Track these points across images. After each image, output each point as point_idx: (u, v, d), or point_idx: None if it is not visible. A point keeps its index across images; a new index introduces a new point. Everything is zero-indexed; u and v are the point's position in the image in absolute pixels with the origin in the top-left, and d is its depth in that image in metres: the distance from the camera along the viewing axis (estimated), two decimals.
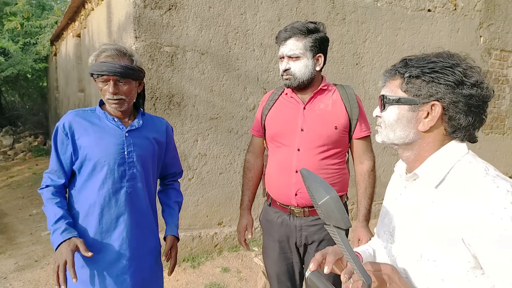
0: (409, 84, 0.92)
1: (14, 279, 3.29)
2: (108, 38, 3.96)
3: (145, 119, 1.66)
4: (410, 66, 0.93)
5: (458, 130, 0.92)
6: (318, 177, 0.87)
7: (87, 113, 1.58)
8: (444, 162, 0.92)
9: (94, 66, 1.47)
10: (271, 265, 1.88)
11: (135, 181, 1.58)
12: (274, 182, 1.82)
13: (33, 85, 12.28)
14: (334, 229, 0.82)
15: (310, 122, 1.73)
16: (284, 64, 1.72)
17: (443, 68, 0.89)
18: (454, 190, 0.88)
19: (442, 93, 0.89)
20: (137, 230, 1.61)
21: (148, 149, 1.62)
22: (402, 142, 0.96)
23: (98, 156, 1.51)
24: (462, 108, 0.89)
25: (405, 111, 0.94)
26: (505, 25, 5.32)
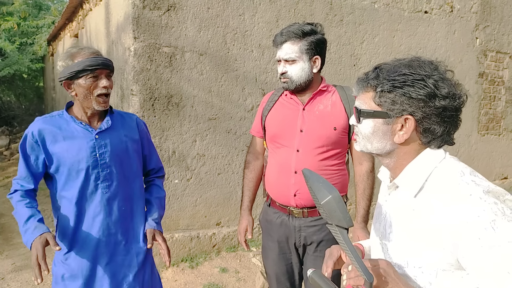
0: (382, 98, 0.92)
1: (12, 280, 3.28)
2: (107, 38, 3.96)
3: (114, 117, 1.65)
4: (382, 79, 0.92)
5: (433, 140, 0.93)
6: (320, 177, 0.88)
7: (55, 118, 1.57)
8: (420, 170, 0.93)
9: (81, 62, 1.46)
10: (270, 265, 1.89)
11: (111, 181, 1.59)
12: (273, 183, 1.83)
13: (30, 85, 12.23)
14: (336, 229, 0.83)
15: (309, 123, 1.74)
16: (281, 68, 1.74)
17: (414, 81, 0.89)
18: (432, 198, 0.89)
19: (414, 106, 0.89)
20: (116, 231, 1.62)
21: (121, 148, 1.63)
22: (380, 152, 0.98)
23: (71, 161, 1.52)
24: (435, 119, 0.90)
25: (380, 124, 0.94)
26: (500, 27, 5.37)
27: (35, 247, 1.39)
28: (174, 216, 3.38)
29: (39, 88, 12.51)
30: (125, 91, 3.34)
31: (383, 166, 1.06)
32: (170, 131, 3.28)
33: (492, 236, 0.78)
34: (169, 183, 3.32)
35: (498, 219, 0.79)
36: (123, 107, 3.43)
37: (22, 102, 13.18)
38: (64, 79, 1.50)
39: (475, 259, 0.81)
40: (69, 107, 1.62)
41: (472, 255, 0.81)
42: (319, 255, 1.76)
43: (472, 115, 5.29)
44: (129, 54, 3.14)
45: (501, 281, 0.77)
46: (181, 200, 3.39)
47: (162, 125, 3.24)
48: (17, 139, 10.80)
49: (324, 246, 1.75)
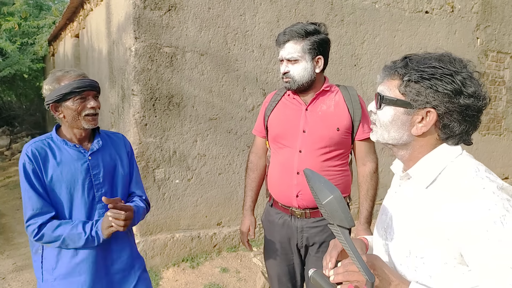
0: (408, 88, 0.92)
1: (13, 280, 3.29)
2: (107, 38, 3.96)
3: (102, 138, 1.65)
4: (410, 68, 0.92)
5: (451, 137, 0.93)
6: (321, 177, 0.88)
7: (45, 142, 1.55)
8: (435, 163, 0.93)
9: (69, 85, 1.46)
10: (272, 265, 1.88)
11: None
12: (275, 183, 1.82)
13: (30, 85, 12.22)
14: (338, 229, 0.83)
15: (312, 124, 1.73)
16: (283, 67, 1.73)
17: (443, 75, 0.88)
18: (444, 191, 0.90)
19: (438, 101, 0.89)
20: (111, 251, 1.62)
21: (112, 167, 1.64)
22: (396, 142, 0.98)
23: (66, 185, 1.51)
24: (456, 117, 0.90)
25: (400, 113, 0.94)
26: (501, 27, 5.36)
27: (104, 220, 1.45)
28: (175, 216, 3.38)
29: (39, 88, 12.47)
30: (126, 91, 3.34)
31: (397, 159, 1.06)
32: (171, 131, 3.28)
33: (501, 231, 0.78)
34: (170, 183, 3.32)
35: (508, 215, 0.79)
36: (124, 107, 3.43)
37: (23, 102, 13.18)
38: (51, 102, 1.49)
39: (480, 251, 0.81)
40: (57, 129, 1.60)
41: (478, 247, 0.81)
42: (321, 256, 1.76)
43: None
44: (130, 54, 3.14)
45: (502, 277, 0.77)
46: (181, 200, 3.39)
47: (163, 125, 3.24)
48: (18, 139, 10.82)
49: (326, 247, 1.74)
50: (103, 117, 4.29)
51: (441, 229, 0.87)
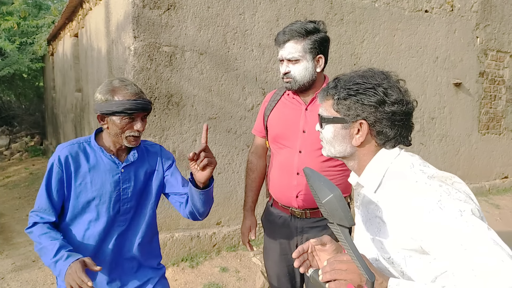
0: (339, 105, 1.02)
1: (12, 280, 3.28)
2: (106, 37, 3.96)
3: (139, 150, 1.60)
4: (339, 88, 1.02)
5: (387, 141, 1.02)
6: (321, 176, 0.87)
7: (82, 145, 1.51)
8: (378, 168, 1.02)
9: (121, 104, 1.40)
10: (271, 266, 1.87)
11: (129, 215, 1.56)
12: (275, 184, 1.81)
13: (30, 85, 12.21)
14: (337, 227, 0.83)
15: (312, 124, 1.70)
16: (284, 68, 1.70)
17: (366, 89, 0.98)
18: (389, 191, 0.98)
19: (367, 112, 0.99)
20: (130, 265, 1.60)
21: (143, 182, 1.59)
22: (343, 155, 1.07)
23: (93, 194, 1.48)
24: (386, 123, 0.99)
25: (339, 129, 1.04)
26: (501, 26, 5.36)
27: (74, 271, 1.26)
28: (174, 216, 3.37)
29: (39, 88, 12.49)
30: None
31: (352, 171, 1.14)
32: (170, 130, 3.27)
33: (441, 215, 0.85)
34: None
35: (443, 199, 0.86)
36: None
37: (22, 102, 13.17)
38: (99, 113, 1.45)
39: (432, 240, 0.87)
40: (97, 133, 1.56)
41: (429, 236, 0.87)
42: None
43: (472, 115, 5.29)
44: (129, 53, 3.14)
45: (460, 256, 0.81)
46: None
47: (162, 125, 3.23)
48: (17, 139, 10.81)
49: None
50: None
51: (394, 228, 0.94)
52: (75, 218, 1.50)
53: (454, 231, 0.83)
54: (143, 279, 1.63)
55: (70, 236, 1.51)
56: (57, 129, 8.32)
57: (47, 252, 1.39)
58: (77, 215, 1.50)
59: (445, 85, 4.91)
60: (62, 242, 1.41)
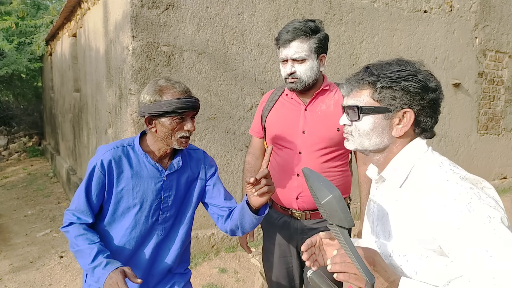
0: (381, 94, 0.96)
1: (9, 281, 3.26)
2: (105, 37, 3.94)
3: (183, 156, 1.54)
4: (378, 76, 0.96)
5: (424, 131, 1.00)
6: (321, 176, 0.86)
7: (126, 149, 1.46)
8: (405, 163, 0.98)
9: (171, 103, 1.34)
10: (270, 268, 1.85)
11: (168, 223, 1.52)
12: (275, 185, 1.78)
13: (28, 85, 12.18)
14: (337, 228, 0.82)
15: (311, 124, 1.69)
16: (289, 68, 1.65)
17: (409, 76, 0.94)
18: (415, 188, 0.94)
19: (411, 100, 0.95)
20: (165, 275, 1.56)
21: (185, 190, 1.54)
22: (376, 148, 1.01)
23: (134, 200, 1.44)
24: (428, 111, 0.97)
25: (380, 119, 0.98)
26: (500, 26, 5.36)
27: (115, 281, 1.24)
28: None
29: (37, 88, 12.45)
30: (123, 90, 3.32)
31: (371, 164, 1.11)
32: None
33: (469, 218, 0.82)
34: None
35: (473, 202, 0.83)
36: (121, 107, 3.41)
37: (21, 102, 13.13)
38: (147, 115, 1.38)
39: (455, 241, 0.84)
40: (141, 136, 1.51)
41: (452, 238, 0.84)
42: None
43: (471, 115, 5.29)
44: (127, 53, 3.12)
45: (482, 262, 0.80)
46: None
47: None
48: (15, 139, 10.78)
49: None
50: (101, 116, 4.27)
51: (417, 225, 0.91)
52: (113, 223, 1.46)
53: (481, 236, 0.81)
54: (169, 282, 1.59)
55: (106, 240, 1.47)
56: (56, 129, 8.30)
57: (84, 255, 1.36)
58: (115, 220, 1.46)
59: (444, 86, 4.91)
60: (100, 247, 1.37)
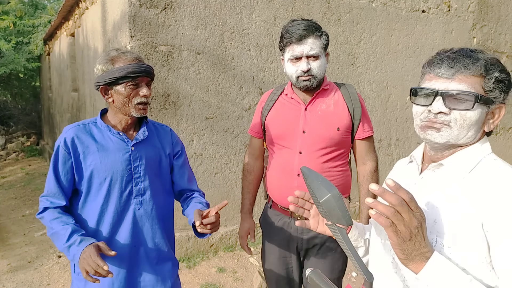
0: (495, 84, 0.89)
1: (7, 280, 3.26)
2: (103, 37, 3.93)
3: (149, 128, 1.56)
4: (492, 66, 0.90)
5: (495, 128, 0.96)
6: (319, 175, 0.86)
7: (88, 127, 1.46)
8: (473, 156, 0.93)
9: (123, 69, 1.37)
10: (270, 269, 1.84)
11: (144, 196, 1.50)
12: (275, 185, 1.77)
13: (26, 85, 12.15)
14: (335, 227, 0.82)
15: (311, 124, 1.68)
16: (305, 65, 1.62)
17: (504, 69, 0.90)
18: (479, 183, 0.88)
19: (506, 95, 0.91)
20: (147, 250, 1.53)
21: (155, 161, 1.53)
22: (468, 142, 0.93)
23: (104, 174, 1.43)
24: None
25: (484, 111, 0.91)
26: (497, 26, 5.38)
27: (88, 255, 1.24)
28: None
29: (35, 88, 12.43)
30: None
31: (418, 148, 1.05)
32: None
33: None
34: None
35: None
36: None
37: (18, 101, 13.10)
38: (102, 84, 1.40)
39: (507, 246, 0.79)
40: (103, 114, 1.51)
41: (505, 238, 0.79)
42: (321, 258, 1.72)
43: None
44: None
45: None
46: None
47: None
48: (13, 139, 10.75)
49: (326, 249, 1.71)
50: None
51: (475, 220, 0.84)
52: (88, 202, 1.46)
53: None
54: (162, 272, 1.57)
55: (83, 220, 1.46)
56: (54, 129, 8.28)
57: (59, 237, 1.36)
58: (89, 199, 1.45)
59: None
60: (74, 227, 1.38)
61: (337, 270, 1.74)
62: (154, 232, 1.54)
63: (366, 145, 1.76)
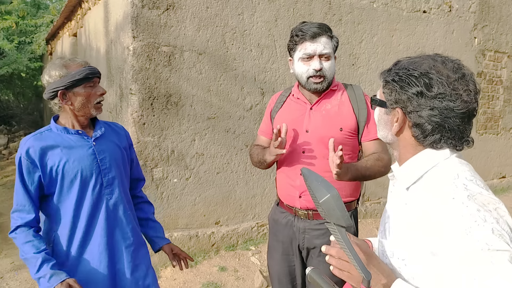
0: (384, 89, 1.00)
1: (11, 279, 3.29)
2: (105, 37, 3.96)
3: (104, 126, 1.66)
4: (392, 72, 0.98)
5: (423, 137, 0.93)
6: (318, 176, 0.88)
7: (46, 134, 1.52)
8: (419, 165, 0.95)
9: (81, 71, 1.47)
10: (273, 265, 1.87)
11: (113, 187, 1.58)
12: (281, 183, 1.81)
13: (28, 84, 12.19)
14: (334, 227, 0.84)
15: (314, 123, 1.69)
16: (317, 64, 1.61)
17: (409, 76, 0.93)
18: (422, 194, 0.92)
19: (404, 101, 0.94)
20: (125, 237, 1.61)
21: (117, 153, 1.63)
22: (386, 141, 1.05)
23: (73, 172, 1.48)
24: (424, 116, 0.91)
25: (382, 113, 1.03)
26: (499, 26, 5.38)
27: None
28: (173, 215, 3.38)
29: (37, 87, 12.47)
30: (124, 90, 3.34)
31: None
32: (169, 130, 3.28)
33: (466, 242, 0.77)
34: (168, 182, 3.32)
35: (474, 226, 0.77)
36: (122, 106, 3.43)
37: (21, 101, 13.15)
38: (61, 89, 1.46)
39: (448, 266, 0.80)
40: (55, 120, 1.58)
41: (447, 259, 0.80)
42: (322, 260, 1.71)
43: None
44: (128, 53, 3.14)
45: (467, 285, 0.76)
46: (180, 199, 3.39)
47: (161, 124, 3.24)
48: (16, 138, 10.79)
49: None
50: (101, 116, 4.29)
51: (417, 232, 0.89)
52: (61, 201, 1.50)
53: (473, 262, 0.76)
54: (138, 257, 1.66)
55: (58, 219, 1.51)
56: None
57: (30, 265, 1.41)
58: (61, 197, 1.50)
59: None
60: (45, 256, 1.41)
61: None
62: (127, 218, 1.63)
63: (374, 147, 1.71)
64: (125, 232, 1.61)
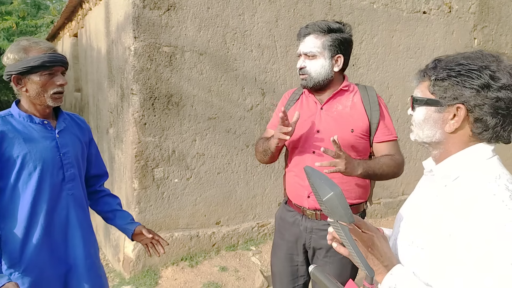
0: (436, 87, 0.95)
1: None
2: (106, 38, 3.97)
3: (66, 116, 1.60)
4: (439, 68, 0.95)
5: (484, 131, 0.93)
6: (322, 174, 0.89)
7: (7, 119, 1.42)
8: (461, 164, 0.94)
9: (38, 58, 1.36)
10: (276, 263, 1.87)
11: (74, 182, 1.53)
12: (290, 182, 1.80)
13: None
14: (338, 225, 0.85)
15: (325, 124, 1.68)
16: (300, 62, 1.65)
17: (469, 71, 0.90)
18: (461, 193, 0.90)
19: (466, 96, 0.90)
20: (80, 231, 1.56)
21: (79, 147, 1.58)
22: (430, 140, 1.00)
23: (34, 164, 1.41)
24: (487, 110, 0.90)
25: (431, 112, 0.97)
26: (498, 27, 5.39)
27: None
28: (174, 215, 3.39)
29: None
30: (125, 90, 3.35)
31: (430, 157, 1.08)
32: (170, 130, 3.29)
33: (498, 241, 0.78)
34: (169, 182, 3.33)
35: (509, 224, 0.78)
36: (123, 107, 3.44)
37: None
38: (15, 74, 1.37)
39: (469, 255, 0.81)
40: (17, 104, 1.48)
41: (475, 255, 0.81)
42: (328, 261, 1.71)
43: None
44: (129, 53, 3.15)
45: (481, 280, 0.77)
46: (180, 199, 3.40)
47: (162, 125, 3.25)
48: None
49: (334, 252, 1.71)
50: (102, 116, 4.30)
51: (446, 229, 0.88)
52: (16, 194, 1.42)
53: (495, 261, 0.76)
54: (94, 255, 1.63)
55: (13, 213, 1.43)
56: None
57: None
58: (17, 190, 1.42)
59: None
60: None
61: (345, 275, 1.71)
62: (85, 215, 1.59)
63: (387, 149, 1.69)
64: (83, 228, 1.56)
